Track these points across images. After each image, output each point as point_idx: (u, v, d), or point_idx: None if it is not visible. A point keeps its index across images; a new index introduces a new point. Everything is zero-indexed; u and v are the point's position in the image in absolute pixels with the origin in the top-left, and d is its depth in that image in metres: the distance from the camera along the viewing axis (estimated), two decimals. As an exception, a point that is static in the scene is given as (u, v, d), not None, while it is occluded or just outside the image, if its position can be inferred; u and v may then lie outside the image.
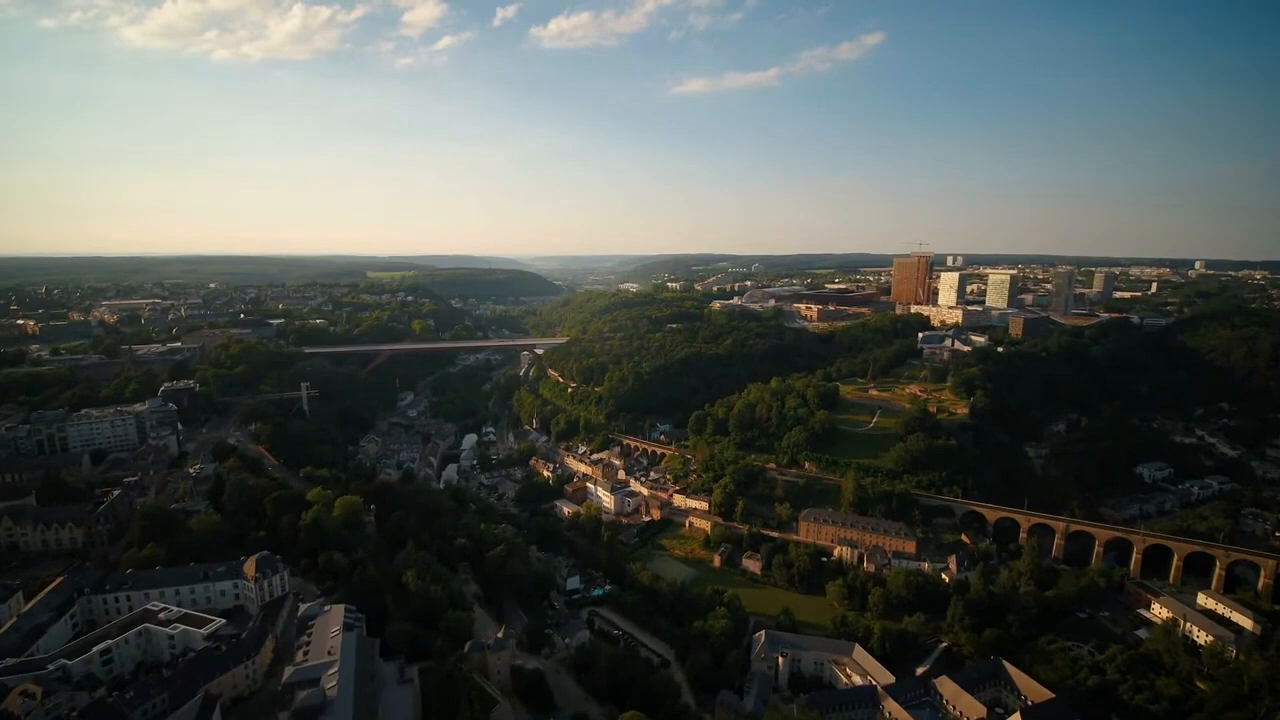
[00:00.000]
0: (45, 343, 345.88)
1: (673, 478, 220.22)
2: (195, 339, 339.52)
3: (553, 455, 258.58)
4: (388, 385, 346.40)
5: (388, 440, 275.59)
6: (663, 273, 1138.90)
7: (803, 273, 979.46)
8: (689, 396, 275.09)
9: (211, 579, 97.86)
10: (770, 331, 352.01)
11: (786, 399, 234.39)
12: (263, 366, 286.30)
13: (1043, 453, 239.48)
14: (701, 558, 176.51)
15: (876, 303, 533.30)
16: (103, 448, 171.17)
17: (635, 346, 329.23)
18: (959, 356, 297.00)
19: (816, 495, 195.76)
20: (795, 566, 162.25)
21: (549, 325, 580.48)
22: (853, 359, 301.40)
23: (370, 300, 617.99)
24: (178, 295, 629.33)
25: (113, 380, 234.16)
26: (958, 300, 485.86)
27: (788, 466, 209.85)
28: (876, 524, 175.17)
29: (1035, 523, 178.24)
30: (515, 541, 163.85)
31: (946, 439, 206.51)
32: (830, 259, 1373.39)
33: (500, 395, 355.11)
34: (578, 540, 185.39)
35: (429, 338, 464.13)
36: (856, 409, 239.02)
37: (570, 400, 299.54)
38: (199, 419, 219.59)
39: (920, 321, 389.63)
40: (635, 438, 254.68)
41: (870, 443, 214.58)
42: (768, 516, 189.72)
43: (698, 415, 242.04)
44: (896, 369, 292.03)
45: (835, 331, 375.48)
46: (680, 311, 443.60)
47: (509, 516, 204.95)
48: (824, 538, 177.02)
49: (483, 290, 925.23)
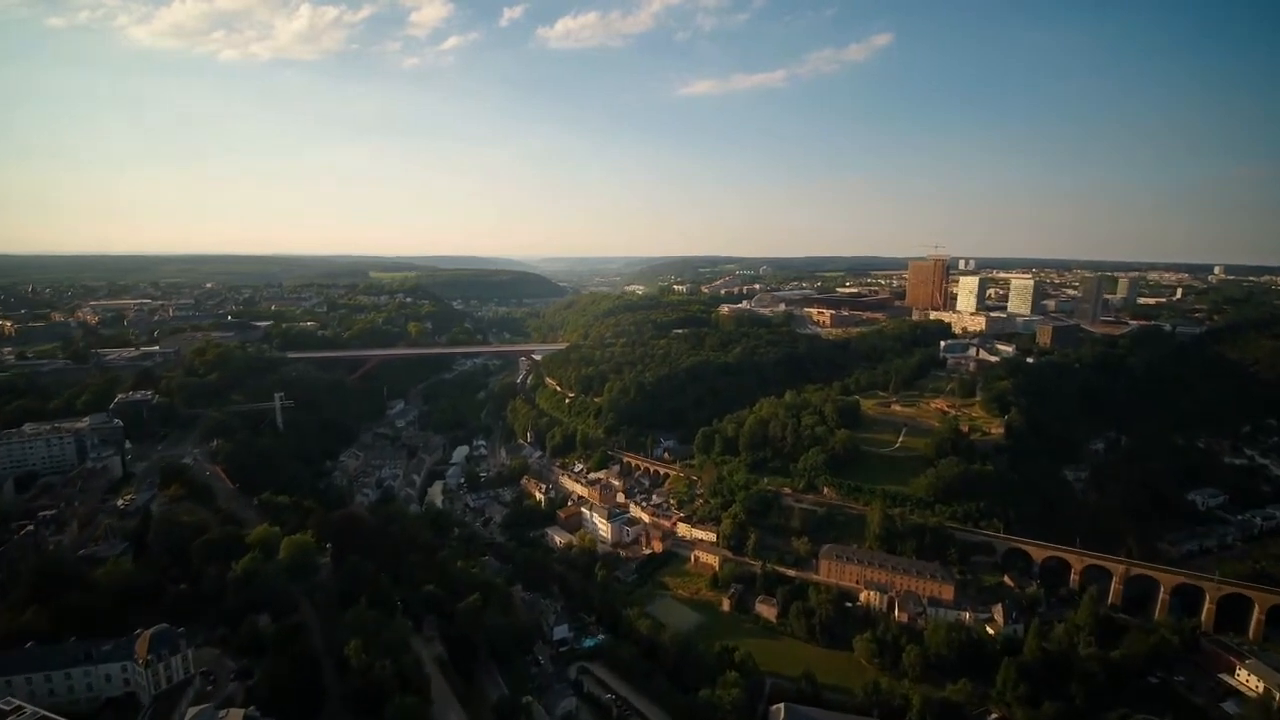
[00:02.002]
0: (19, 345, 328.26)
1: (677, 502, 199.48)
2: (174, 342, 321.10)
3: (547, 473, 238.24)
4: (377, 393, 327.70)
5: (370, 454, 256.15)
6: (669, 275, 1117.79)
7: (812, 275, 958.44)
8: (695, 409, 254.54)
9: (95, 660, 78.01)
10: (782, 338, 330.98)
11: (802, 415, 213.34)
12: (239, 373, 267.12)
13: (1082, 475, 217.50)
14: (708, 600, 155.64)
15: (891, 308, 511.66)
16: (35, 470, 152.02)
17: (638, 354, 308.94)
18: (986, 367, 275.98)
19: (838, 527, 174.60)
20: (816, 615, 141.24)
21: (551, 328, 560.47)
22: (872, 369, 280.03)
23: (368, 301, 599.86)
24: (171, 295, 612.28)
25: (69, 389, 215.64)
26: (978, 306, 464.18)
27: (804, 491, 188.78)
28: (908, 564, 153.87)
29: (1089, 564, 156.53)
30: (496, 584, 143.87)
31: (982, 463, 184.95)
32: (839, 261, 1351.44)
33: (495, 405, 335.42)
34: (569, 577, 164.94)
35: (423, 342, 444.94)
36: (879, 426, 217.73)
37: (568, 412, 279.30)
38: (157, 434, 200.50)
39: (941, 329, 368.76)
40: (636, 455, 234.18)
41: (896, 466, 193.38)
42: (783, 551, 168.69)
43: (705, 432, 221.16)
44: (919, 381, 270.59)
45: (850, 339, 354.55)
46: (686, 315, 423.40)
47: (494, 546, 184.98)
48: (848, 578, 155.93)
49: (486, 292, 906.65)
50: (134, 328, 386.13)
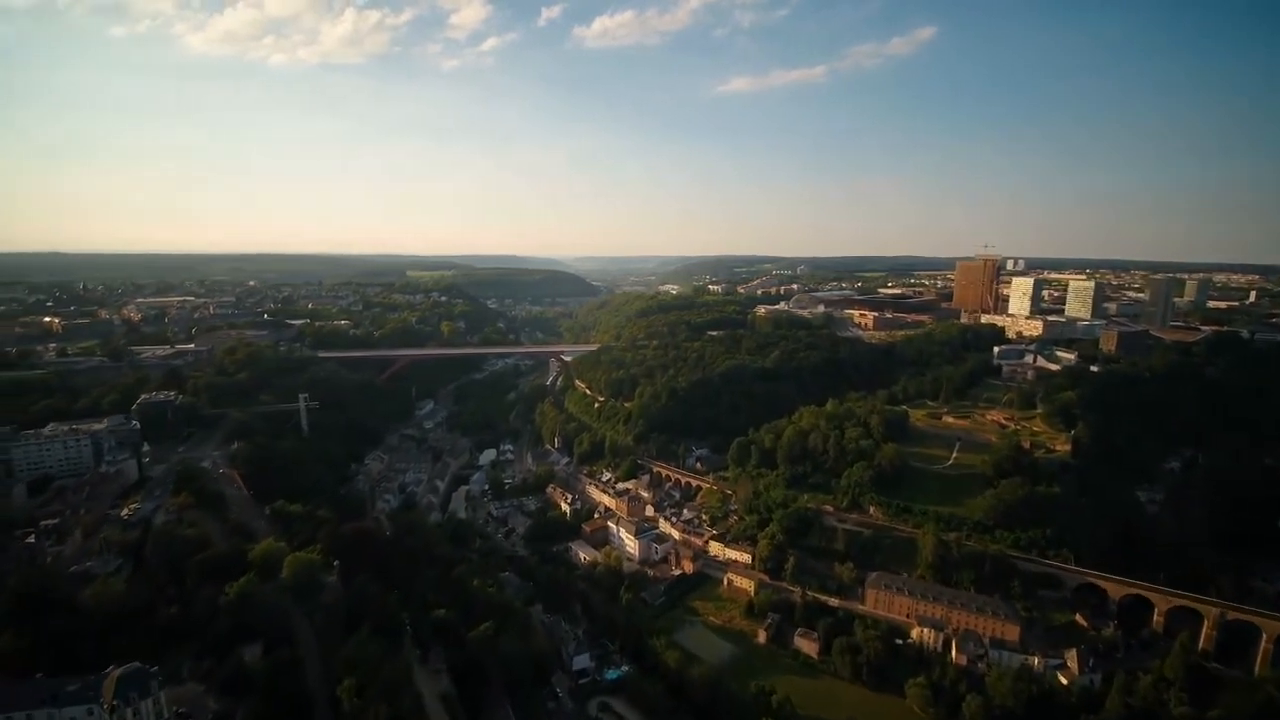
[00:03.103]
0: (66, 341, 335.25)
1: (709, 518, 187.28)
2: (209, 340, 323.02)
3: (573, 482, 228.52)
4: (406, 393, 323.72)
5: (395, 457, 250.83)
6: (704, 274, 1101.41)
7: (852, 275, 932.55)
8: (730, 416, 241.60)
9: (60, 701, 70.51)
10: (822, 342, 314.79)
11: (845, 426, 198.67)
12: (268, 373, 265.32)
13: (1157, 498, 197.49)
14: (742, 629, 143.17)
15: (937, 310, 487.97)
16: (51, 473, 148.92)
17: (671, 356, 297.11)
18: (1046, 376, 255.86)
19: (885, 551, 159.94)
20: (863, 653, 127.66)
21: (583, 329, 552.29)
22: (919, 376, 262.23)
23: (402, 300, 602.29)
24: (214, 293, 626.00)
25: (99, 388, 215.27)
26: (1033, 309, 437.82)
27: (848, 510, 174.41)
28: (967, 598, 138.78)
29: (1176, 605, 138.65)
30: (513, 607, 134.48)
31: (1048, 485, 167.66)
32: (880, 261, 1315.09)
33: (524, 407, 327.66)
34: (593, 597, 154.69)
35: (454, 341, 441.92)
36: (929, 440, 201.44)
37: (597, 417, 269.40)
38: (180, 435, 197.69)
39: (993, 333, 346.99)
40: (667, 464, 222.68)
41: (949, 485, 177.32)
42: (825, 577, 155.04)
43: (740, 443, 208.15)
44: (972, 390, 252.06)
45: (895, 343, 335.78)
46: (722, 317, 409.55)
47: (515, 560, 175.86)
48: (898, 611, 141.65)
49: (520, 291, 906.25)
50: (174, 325, 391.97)
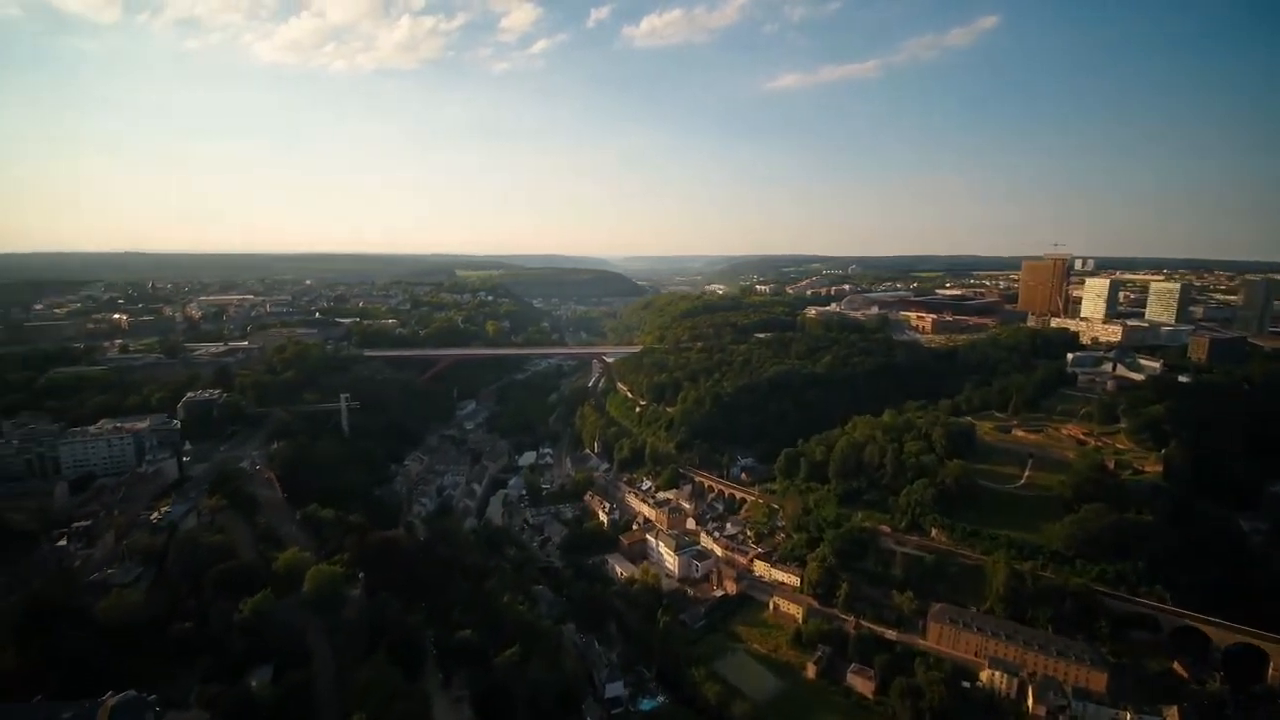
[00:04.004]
0: (131, 338, 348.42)
1: (754, 535, 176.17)
2: (261, 338, 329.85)
3: (612, 490, 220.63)
4: (448, 393, 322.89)
5: (435, 458, 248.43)
6: (751, 274, 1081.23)
7: (906, 275, 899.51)
8: (777, 424, 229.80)
9: (54, 730, 66.61)
10: (877, 346, 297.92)
11: (905, 439, 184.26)
12: (314, 371, 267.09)
13: (1261, 528, 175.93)
14: (789, 661, 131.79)
15: (1001, 312, 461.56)
16: (94, 471, 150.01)
17: (716, 360, 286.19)
18: (1128, 387, 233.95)
19: (950, 580, 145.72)
20: (925, 696, 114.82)
21: (627, 329, 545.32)
22: (985, 385, 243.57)
23: (449, 300, 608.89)
24: (273, 291, 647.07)
25: (150, 385, 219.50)
26: (1108, 312, 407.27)
27: (907, 532, 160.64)
28: (1044, 638, 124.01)
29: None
30: (544, 627, 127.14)
31: (1137, 511, 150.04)
32: (935, 261, 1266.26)
33: (565, 409, 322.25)
34: (629, 617, 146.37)
35: (498, 341, 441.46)
36: (998, 456, 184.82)
37: (638, 421, 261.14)
38: (224, 434, 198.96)
39: (1065, 338, 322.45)
40: (710, 474, 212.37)
41: (1022, 507, 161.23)
42: (882, 606, 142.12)
43: (788, 454, 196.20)
44: (1045, 401, 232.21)
45: (956, 347, 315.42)
46: (769, 318, 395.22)
47: (549, 572, 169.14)
48: (965, 648, 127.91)
49: (566, 290, 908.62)
50: (230, 323, 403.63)
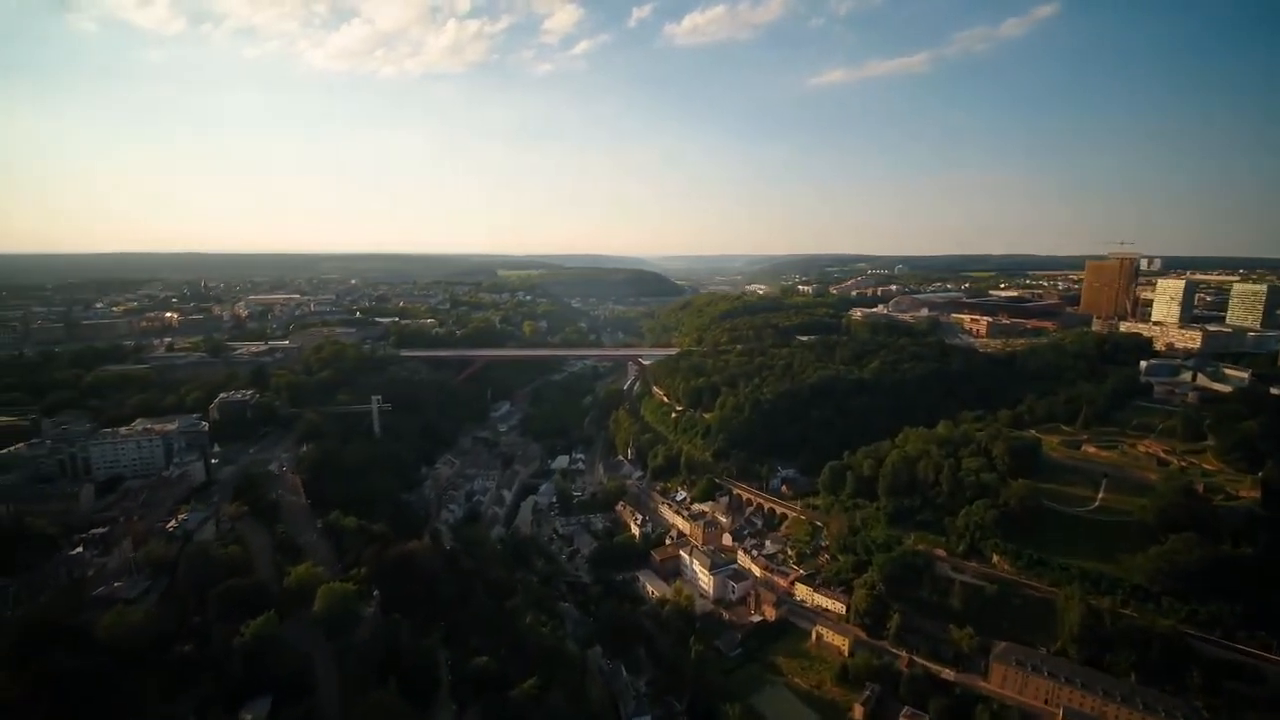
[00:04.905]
0: (180, 336, 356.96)
1: (795, 554, 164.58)
2: (301, 338, 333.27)
3: (645, 500, 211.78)
4: (482, 394, 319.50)
5: (466, 461, 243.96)
6: (793, 274, 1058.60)
7: (956, 275, 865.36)
8: (821, 434, 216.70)
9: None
10: (929, 351, 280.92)
11: (962, 454, 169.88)
12: (350, 372, 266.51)
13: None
14: (834, 699, 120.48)
15: (1062, 315, 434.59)
16: (124, 473, 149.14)
17: (756, 364, 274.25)
18: (1212, 399, 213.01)
19: (1015, 614, 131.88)
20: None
21: (664, 329, 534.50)
22: (1050, 396, 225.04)
23: (488, 299, 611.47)
24: (319, 290, 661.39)
25: (188, 384, 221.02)
26: (1184, 316, 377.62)
27: (965, 557, 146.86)
28: (1128, 688, 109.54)
29: None
30: (567, 653, 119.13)
31: (1233, 544, 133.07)
32: (988, 261, 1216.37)
33: (599, 412, 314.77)
34: (659, 640, 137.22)
35: (534, 342, 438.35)
36: (1067, 475, 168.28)
37: (673, 428, 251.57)
38: (256, 435, 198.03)
39: (1137, 343, 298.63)
40: (749, 486, 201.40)
41: (1097, 534, 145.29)
42: (938, 641, 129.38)
43: (833, 467, 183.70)
44: (1118, 413, 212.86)
45: (1015, 353, 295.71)
46: (812, 320, 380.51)
47: (577, 587, 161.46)
48: (1033, 695, 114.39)
49: (604, 290, 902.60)
50: (275, 322, 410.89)
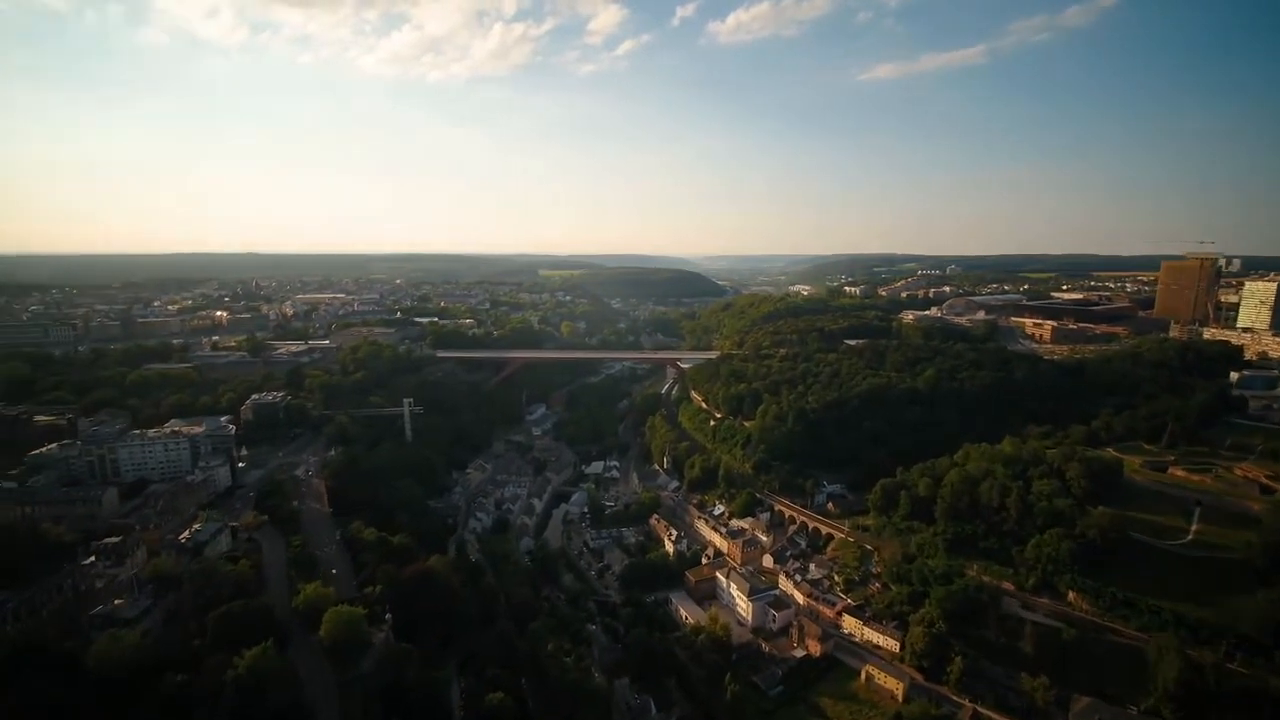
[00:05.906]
0: (228, 334, 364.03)
1: (843, 581, 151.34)
2: (340, 338, 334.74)
3: (680, 513, 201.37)
4: (517, 397, 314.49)
5: (498, 466, 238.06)
6: (838, 274, 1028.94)
7: (1013, 276, 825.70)
8: (870, 447, 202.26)
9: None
10: (988, 358, 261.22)
11: (1031, 475, 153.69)
12: (385, 373, 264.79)
13: None
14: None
15: (1135, 319, 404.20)
16: (150, 476, 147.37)
17: (800, 370, 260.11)
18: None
19: (1096, 663, 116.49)
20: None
21: (705, 331, 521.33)
22: (1129, 410, 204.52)
23: (527, 300, 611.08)
24: (364, 290, 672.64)
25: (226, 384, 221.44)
26: (1274, 322, 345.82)
27: (1035, 593, 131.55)
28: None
29: None
30: (590, 687, 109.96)
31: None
32: (1045, 261, 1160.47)
33: (635, 418, 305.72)
34: (692, 672, 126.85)
35: (571, 343, 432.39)
36: (1152, 501, 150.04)
37: (712, 437, 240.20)
38: (287, 438, 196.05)
39: (1224, 351, 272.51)
40: (792, 502, 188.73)
41: (1191, 571, 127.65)
42: (1007, 689, 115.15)
43: (885, 485, 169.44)
44: (1208, 431, 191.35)
45: (1084, 361, 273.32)
46: (860, 324, 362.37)
47: (605, 607, 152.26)
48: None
49: (645, 290, 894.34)
50: (318, 321, 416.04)
